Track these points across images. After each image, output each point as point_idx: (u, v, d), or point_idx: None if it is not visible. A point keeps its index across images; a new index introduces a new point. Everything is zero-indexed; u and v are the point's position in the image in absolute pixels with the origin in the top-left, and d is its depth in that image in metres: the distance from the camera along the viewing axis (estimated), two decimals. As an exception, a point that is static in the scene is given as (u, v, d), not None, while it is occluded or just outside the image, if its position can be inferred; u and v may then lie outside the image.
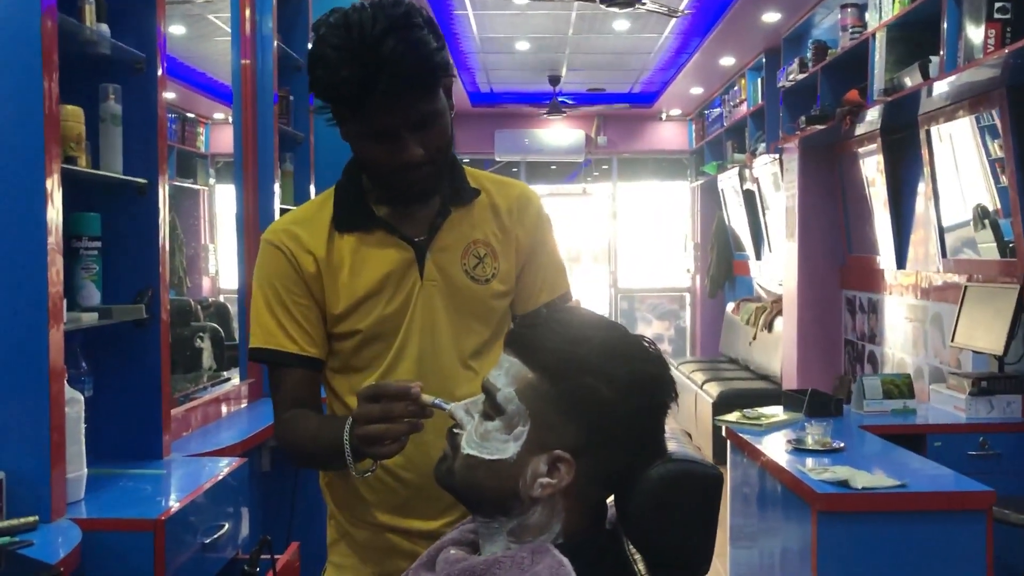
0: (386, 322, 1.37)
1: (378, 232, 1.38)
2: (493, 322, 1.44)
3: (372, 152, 1.30)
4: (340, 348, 1.40)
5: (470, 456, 1.07)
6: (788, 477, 2.71)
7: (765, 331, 6.46)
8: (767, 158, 6.04)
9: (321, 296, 1.37)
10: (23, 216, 1.79)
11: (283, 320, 1.36)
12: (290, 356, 1.37)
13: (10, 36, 1.79)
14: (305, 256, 1.36)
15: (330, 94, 1.28)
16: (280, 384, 1.39)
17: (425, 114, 1.28)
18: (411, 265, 1.37)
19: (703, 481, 1.03)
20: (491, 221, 1.44)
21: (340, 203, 1.40)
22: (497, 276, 1.42)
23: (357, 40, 1.22)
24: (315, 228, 1.38)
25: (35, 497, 1.76)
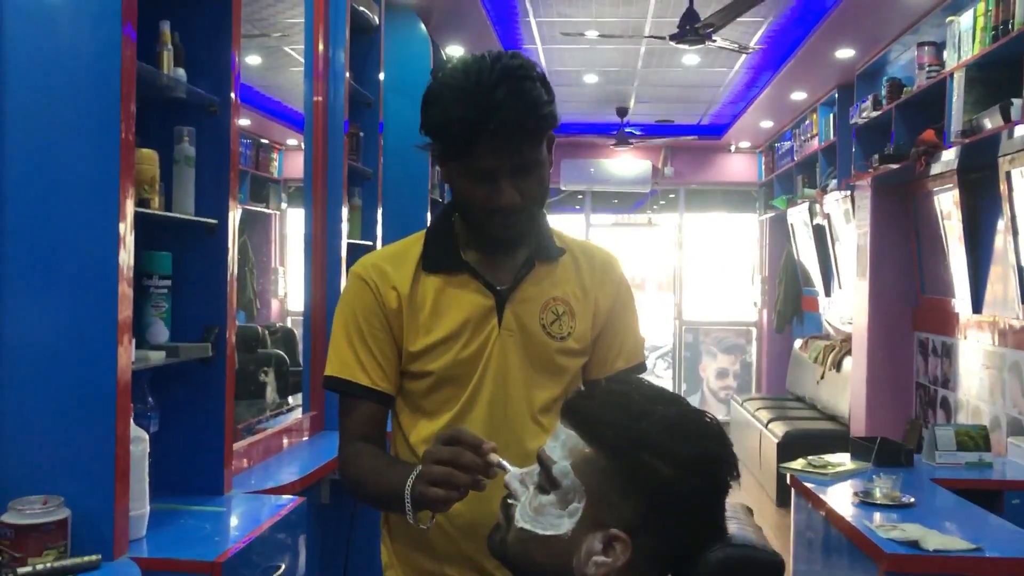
0: (461, 366, 1.39)
1: (463, 276, 1.42)
2: (564, 380, 1.45)
3: (471, 193, 1.34)
4: (412, 388, 1.43)
5: (523, 530, 1.05)
6: (854, 532, 2.62)
7: (833, 370, 6.30)
8: (838, 194, 5.92)
9: (400, 332, 1.40)
10: (96, 255, 1.83)
11: (360, 352, 1.39)
12: (362, 388, 1.40)
13: (90, 82, 1.84)
14: (389, 291, 1.40)
15: (441, 132, 1.33)
16: (349, 414, 1.42)
17: (527, 162, 1.33)
18: (491, 313, 1.40)
19: (764, 569, 0.99)
20: (573, 281, 1.46)
21: (430, 244, 1.45)
22: (573, 335, 1.44)
23: (474, 84, 1.29)
24: (402, 265, 1.43)
25: (98, 535, 1.79)
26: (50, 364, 1.84)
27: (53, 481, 1.80)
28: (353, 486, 1.40)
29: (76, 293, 1.84)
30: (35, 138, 1.85)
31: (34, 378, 1.84)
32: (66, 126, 1.85)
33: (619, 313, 1.50)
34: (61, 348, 1.83)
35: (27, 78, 1.84)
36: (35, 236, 1.84)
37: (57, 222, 1.85)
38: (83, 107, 1.84)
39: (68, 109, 1.85)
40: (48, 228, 1.85)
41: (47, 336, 1.84)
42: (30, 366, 1.84)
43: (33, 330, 1.84)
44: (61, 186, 1.85)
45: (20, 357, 1.84)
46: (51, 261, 1.84)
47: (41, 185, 1.85)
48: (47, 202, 1.85)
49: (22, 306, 1.84)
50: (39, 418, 1.83)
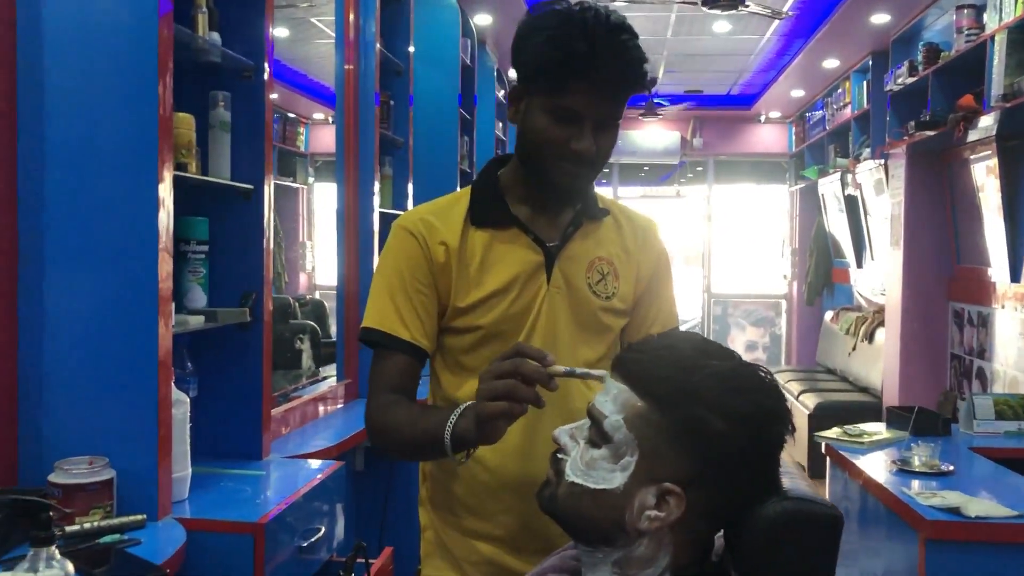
0: (509, 321, 1.38)
1: (512, 230, 1.40)
2: (607, 340, 1.45)
3: (549, 132, 1.31)
4: (456, 344, 1.41)
5: (575, 484, 1.04)
6: (893, 500, 2.59)
7: (865, 342, 6.25)
8: (871, 163, 5.84)
9: (447, 288, 1.38)
10: (136, 221, 1.84)
11: (401, 306, 1.37)
12: (400, 342, 1.37)
13: (128, 44, 1.84)
14: (437, 246, 1.38)
15: (542, 59, 1.29)
16: (383, 368, 1.39)
17: (612, 116, 1.32)
18: (540, 269, 1.39)
19: (823, 521, 0.98)
20: (616, 242, 1.46)
21: (477, 198, 1.42)
22: (617, 295, 1.43)
23: (591, 23, 1.27)
24: (450, 219, 1.40)
25: (143, 496, 1.81)
26: (93, 328, 1.85)
27: (98, 443, 1.82)
28: (384, 435, 1.36)
29: (117, 258, 1.84)
30: (74, 105, 1.85)
31: (78, 342, 1.85)
32: (104, 93, 1.85)
33: (659, 280, 1.50)
34: (104, 313, 1.84)
35: (65, 45, 1.84)
36: (76, 202, 1.85)
37: (97, 188, 1.85)
38: (120, 66, 1.83)
39: (106, 76, 1.85)
40: (88, 194, 1.85)
41: (90, 301, 1.85)
42: (74, 331, 1.85)
43: (76, 295, 1.86)
44: (100, 152, 1.85)
45: (64, 322, 1.85)
46: (92, 227, 1.85)
47: (81, 151, 1.85)
48: (87, 168, 1.85)
49: (65, 272, 1.85)
50: (84, 381, 1.84)
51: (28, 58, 1.84)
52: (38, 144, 1.84)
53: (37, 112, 1.84)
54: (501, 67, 6.42)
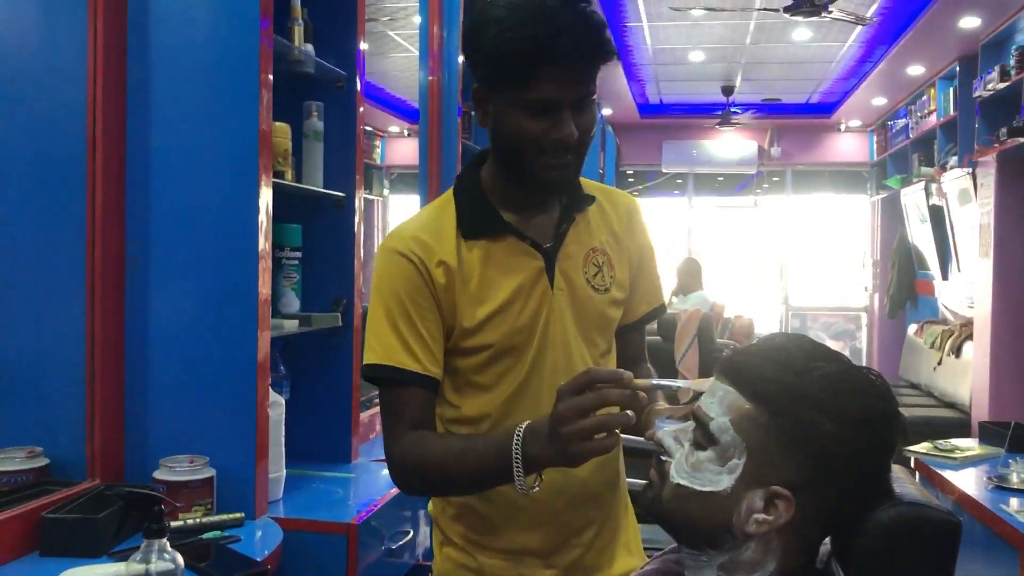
0: (519, 333, 1.30)
1: (507, 238, 1.31)
2: (609, 333, 1.40)
3: (525, 128, 1.22)
4: (465, 364, 1.32)
5: (680, 486, 1.03)
6: (991, 517, 2.51)
7: (952, 356, 6.05)
8: (958, 172, 5.67)
9: (451, 310, 1.29)
10: (237, 226, 1.90)
11: (407, 335, 1.26)
12: (413, 375, 1.26)
13: (230, 58, 1.90)
14: (437, 267, 1.28)
15: (498, 57, 1.20)
16: (398, 405, 1.26)
17: (585, 94, 1.23)
18: (541, 274, 1.31)
19: (941, 528, 0.95)
20: (605, 229, 1.39)
21: (464, 208, 1.32)
22: (615, 284, 1.38)
23: (537, 5, 1.18)
24: (443, 236, 1.30)
25: (241, 495, 1.86)
26: (195, 332, 1.91)
27: (199, 443, 1.88)
28: (422, 474, 1.24)
29: (219, 265, 1.91)
30: (179, 118, 1.93)
31: (181, 345, 1.91)
32: (207, 106, 1.92)
33: (646, 259, 1.44)
34: (205, 317, 1.91)
35: (171, 62, 1.92)
36: (179, 211, 1.92)
37: (200, 197, 1.92)
38: (223, 77, 1.90)
39: (210, 90, 1.91)
40: (192, 203, 1.92)
41: (192, 306, 1.92)
42: (177, 334, 1.92)
43: (179, 301, 1.92)
44: (203, 162, 1.92)
45: (168, 326, 1.92)
46: (195, 235, 1.92)
47: (184, 162, 1.93)
48: (190, 178, 1.92)
49: (169, 278, 1.92)
50: (186, 383, 1.90)
51: (137, 76, 1.91)
52: (144, 156, 1.92)
53: (144, 126, 1.92)
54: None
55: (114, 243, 1.89)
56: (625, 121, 8.61)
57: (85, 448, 1.81)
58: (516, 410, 1.31)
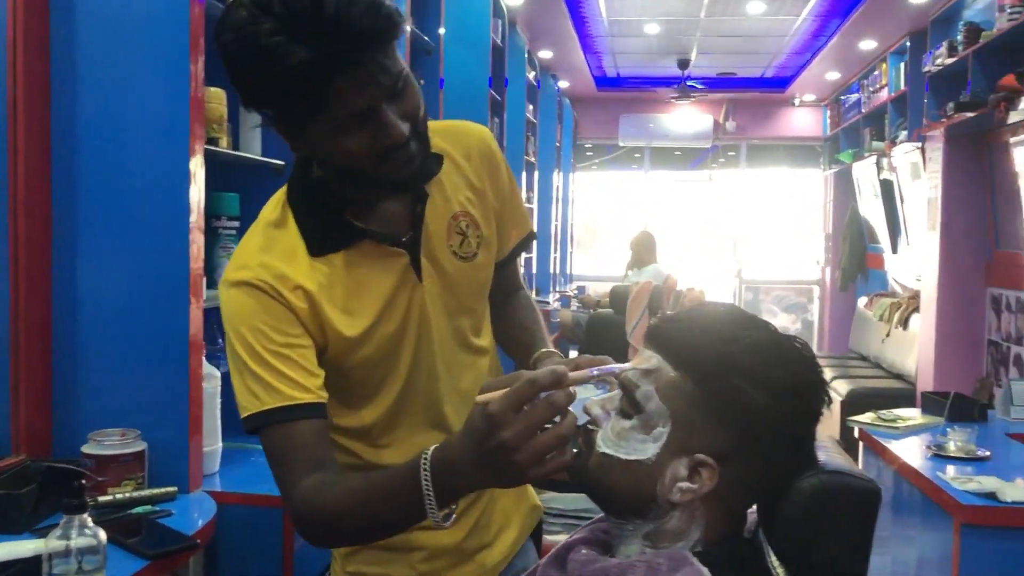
0: (393, 338, 1.21)
1: (364, 244, 1.18)
2: (486, 293, 1.34)
3: (353, 146, 1.07)
4: (345, 381, 1.21)
5: (605, 455, 1.02)
6: (928, 485, 2.56)
7: (900, 328, 6.16)
8: (908, 146, 5.74)
9: (319, 332, 1.16)
10: (168, 195, 1.85)
11: (282, 368, 1.11)
12: (301, 408, 1.11)
13: (161, 19, 1.85)
14: (294, 293, 1.14)
15: (287, 90, 1.02)
16: (289, 450, 1.10)
17: (396, 76, 1.06)
18: (408, 271, 1.21)
19: (860, 495, 0.96)
20: (461, 184, 1.27)
21: (306, 223, 1.17)
22: (482, 245, 1.28)
23: (295, 14, 0.99)
24: (291, 256, 1.15)
25: (174, 468, 1.83)
26: (126, 304, 1.87)
27: (131, 417, 1.84)
28: (327, 524, 1.08)
29: (150, 234, 1.86)
30: (106, 83, 1.87)
31: (111, 317, 1.87)
32: (135, 69, 1.86)
33: (506, 191, 1.33)
34: (136, 288, 1.86)
35: (97, 25, 1.87)
36: (108, 179, 1.87)
37: (129, 164, 1.87)
38: (153, 41, 1.84)
39: (138, 52, 1.85)
40: (121, 171, 1.87)
41: (123, 277, 1.87)
42: (107, 306, 1.87)
43: (109, 271, 1.88)
44: (132, 128, 1.87)
45: (97, 297, 1.87)
46: (125, 203, 1.87)
47: (112, 128, 1.87)
48: (119, 145, 1.87)
49: (98, 248, 1.87)
50: (116, 356, 1.86)
51: (61, 40, 1.85)
52: (70, 123, 1.86)
53: (70, 91, 1.86)
54: (532, 48, 6.39)
55: (39, 212, 1.84)
56: (582, 94, 8.59)
57: (9, 423, 1.76)
58: (405, 410, 1.25)
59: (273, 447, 1.11)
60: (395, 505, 1.00)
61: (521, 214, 1.39)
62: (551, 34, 6.34)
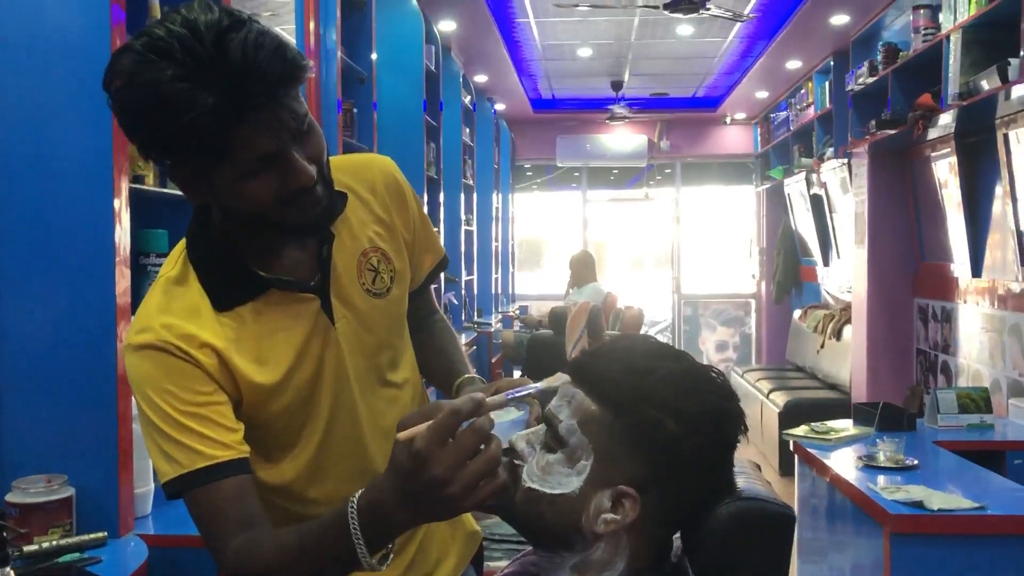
0: (308, 384, 1.18)
1: (271, 294, 1.15)
2: (403, 326, 1.33)
3: (259, 191, 1.05)
4: (260, 437, 1.17)
5: (531, 489, 1.04)
6: (859, 495, 2.62)
7: (833, 339, 6.31)
8: (835, 163, 5.90)
9: (232, 388, 1.13)
10: (93, 234, 1.83)
11: (203, 431, 1.08)
12: (225, 465, 1.07)
13: (81, 53, 1.82)
14: (200, 351, 1.10)
15: (191, 138, 0.99)
16: (220, 507, 1.07)
17: (302, 118, 1.06)
18: (319, 315, 1.18)
19: (776, 521, 0.99)
20: (369, 222, 1.26)
21: (208, 278, 1.14)
22: (395, 280, 1.28)
23: (199, 60, 0.97)
24: (194, 313, 1.12)
25: (103, 513, 1.79)
26: (50, 344, 1.83)
27: (56, 461, 1.80)
28: None
29: (73, 274, 1.83)
30: (26, 119, 1.84)
31: (34, 359, 1.83)
32: (56, 105, 1.84)
33: (415, 220, 1.33)
34: (61, 329, 1.83)
35: (14, 59, 1.83)
36: (30, 217, 1.84)
37: (52, 203, 1.84)
38: (74, 81, 1.82)
39: (58, 87, 1.83)
40: (43, 209, 1.84)
41: (46, 316, 1.84)
42: (29, 346, 1.84)
43: (32, 310, 1.84)
44: (54, 166, 1.84)
45: (19, 337, 1.83)
46: (48, 242, 1.84)
47: (34, 167, 1.84)
48: (41, 183, 1.84)
49: (20, 287, 1.83)
50: (41, 397, 1.82)
51: (-23, 73, 1.82)
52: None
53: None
54: (467, 72, 6.43)
55: (-42, 254, 1.79)
56: (519, 116, 8.66)
57: (-71, 472, 1.71)
58: (329, 460, 1.23)
59: (199, 510, 1.09)
60: (327, 556, 0.98)
61: (432, 240, 1.38)
62: (485, 58, 6.39)
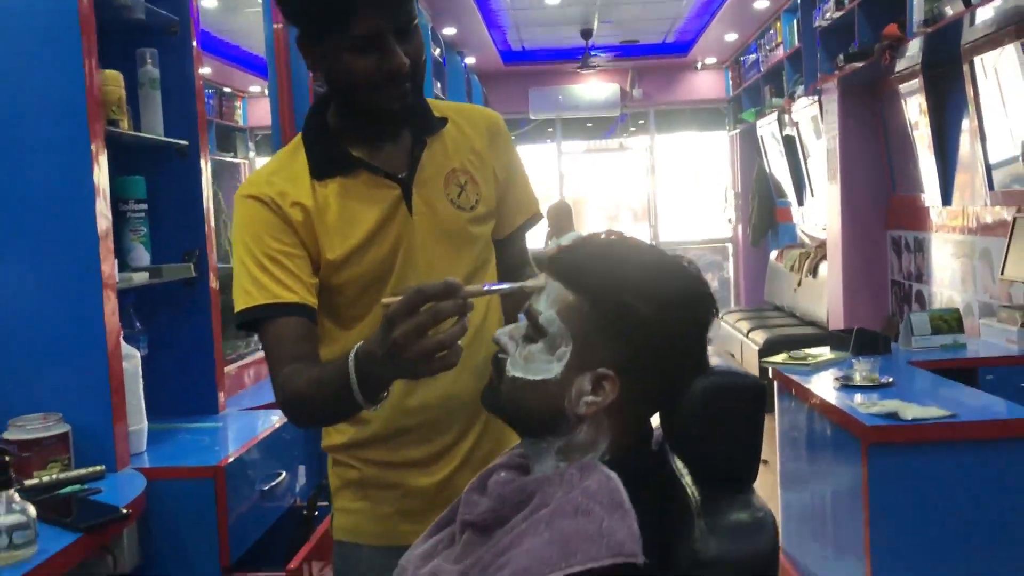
0: (383, 263, 1.33)
1: (360, 173, 1.33)
2: (478, 250, 1.42)
3: (356, 66, 1.23)
4: (335, 300, 1.35)
5: (515, 378, 1.08)
6: (837, 413, 2.70)
7: (810, 276, 6.40)
8: (806, 100, 5.94)
9: (314, 246, 1.31)
10: (71, 179, 1.84)
11: (275, 272, 1.27)
12: (286, 306, 1.26)
13: (50, 4, 1.82)
14: (292, 208, 1.30)
15: (319, 5, 1.20)
16: (278, 341, 1.25)
17: (408, 20, 1.24)
18: (399, 203, 1.34)
19: (747, 392, 1.03)
20: (464, 149, 1.41)
21: (312, 149, 1.35)
22: (480, 202, 1.40)
23: None
24: (296, 179, 1.32)
25: (100, 449, 1.83)
26: (37, 289, 1.85)
27: (51, 401, 1.83)
28: (294, 409, 1.24)
29: (55, 215, 1.84)
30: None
31: (22, 303, 1.85)
32: (29, 48, 1.84)
33: (513, 172, 1.47)
34: (47, 272, 1.85)
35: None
36: (10, 166, 1.85)
37: (31, 149, 1.85)
38: (43, 26, 1.82)
39: (29, 30, 1.84)
40: (22, 156, 1.85)
41: (32, 262, 1.86)
42: (17, 292, 1.86)
43: (17, 257, 1.86)
44: (30, 115, 1.85)
45: (7, 284, 1.85)
46: (29, 188, 1.85)
47: (8, 110, 1.85)
48: (18, 131, 1.85)
49: (4, 234, 1.85)
50: (31, 341, 1.85)
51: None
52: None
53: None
54: (435, 25, 6.39)
55: (-61, 202, 1.81)
56: (490, 69, 8.62)
57: (-77, 416, 1.74)
58: None
59: (264, 341, 1.27)
60: (338, 392, 1.11)
61: (527, 195, 1.50)
62: (453, 9, 6.35)
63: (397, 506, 1.40)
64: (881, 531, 2.49)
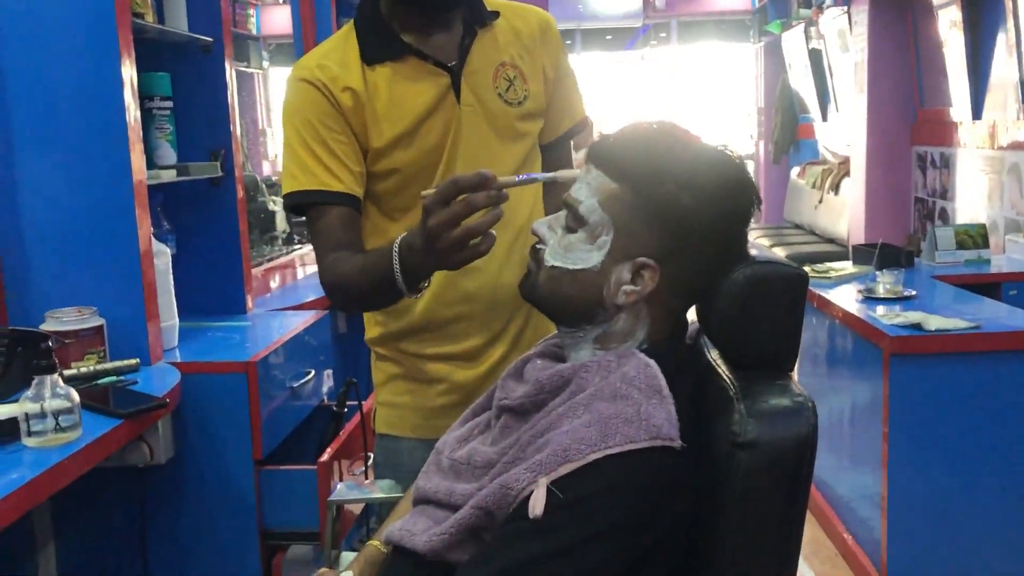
0: (431, 153, 1.34)
1: (410, 60, 1.33)
2: (527, 146, 1.42)
3: None
4: (381, 188, 1.36)
5: (554, 267, 1.08)
6: (859, 323, 2.70)
7: (831, 193, 6.33)
8: (835, 11, 5.79)
9: (362, 131, 1.32)
10: (99, 72, 1.83)
11: (323, 157, 1.29)
12: (333, 195, 1.29)
13: None
14: (342, 92, 1.30)
15: None
16: (324, 227, 1.29)
17: None
18: (447, 91, 1.33)
19: (788, 280, 1.03)
20: (515, 44, 1.40)
21: (364, 35, 1.35)
22: (529, 98, 1.40)
23: None
24: (347, 63, 1.33)
25: (134, 344, 1.86)
26: (68, 187, 1.87)
27: (85, 296, 1.85)
28: (339, 293, 1.28)
29: (82, 110, 1.83)
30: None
31: (54, 201, 1.86)
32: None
33: (563, 74, 1.46)
34: (77, 167, 1.85)
35: None
36: (38, 59, 1.83)
37: (57, 43, 1.83)
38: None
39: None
40: (49, 50, 1.83)
41: (62, 160, 1.86)
42: (49, 190, 1.86)
43: (47, 153, 1.86)
44: (55, 2, 1.82)
45: (39, 181, 1.86)
46: (56, 83, 1.84)
47: (35, 5, 1.82)
48: (43, 20, 1.82)
49: (37, 132, 1.85)
50: (64, 237, 1.87)
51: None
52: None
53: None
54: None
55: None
56: (510, -22, 8.40)
57: (-39, 309, 1.77)
58: None
59: (311, 226, 1.32)
60: (381, 279, 1.15)
61: (574, 100, 1.48)
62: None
63: (440, 401, 1.42)
64: (899, 443, 2.51)
